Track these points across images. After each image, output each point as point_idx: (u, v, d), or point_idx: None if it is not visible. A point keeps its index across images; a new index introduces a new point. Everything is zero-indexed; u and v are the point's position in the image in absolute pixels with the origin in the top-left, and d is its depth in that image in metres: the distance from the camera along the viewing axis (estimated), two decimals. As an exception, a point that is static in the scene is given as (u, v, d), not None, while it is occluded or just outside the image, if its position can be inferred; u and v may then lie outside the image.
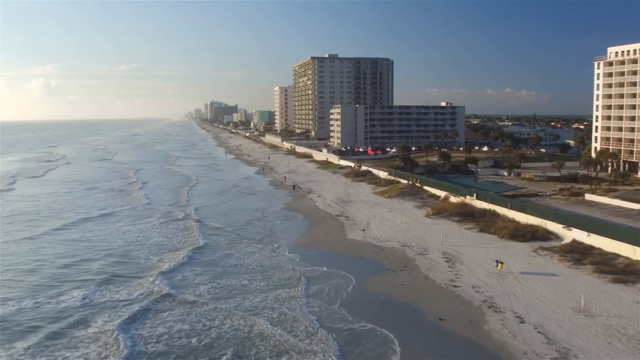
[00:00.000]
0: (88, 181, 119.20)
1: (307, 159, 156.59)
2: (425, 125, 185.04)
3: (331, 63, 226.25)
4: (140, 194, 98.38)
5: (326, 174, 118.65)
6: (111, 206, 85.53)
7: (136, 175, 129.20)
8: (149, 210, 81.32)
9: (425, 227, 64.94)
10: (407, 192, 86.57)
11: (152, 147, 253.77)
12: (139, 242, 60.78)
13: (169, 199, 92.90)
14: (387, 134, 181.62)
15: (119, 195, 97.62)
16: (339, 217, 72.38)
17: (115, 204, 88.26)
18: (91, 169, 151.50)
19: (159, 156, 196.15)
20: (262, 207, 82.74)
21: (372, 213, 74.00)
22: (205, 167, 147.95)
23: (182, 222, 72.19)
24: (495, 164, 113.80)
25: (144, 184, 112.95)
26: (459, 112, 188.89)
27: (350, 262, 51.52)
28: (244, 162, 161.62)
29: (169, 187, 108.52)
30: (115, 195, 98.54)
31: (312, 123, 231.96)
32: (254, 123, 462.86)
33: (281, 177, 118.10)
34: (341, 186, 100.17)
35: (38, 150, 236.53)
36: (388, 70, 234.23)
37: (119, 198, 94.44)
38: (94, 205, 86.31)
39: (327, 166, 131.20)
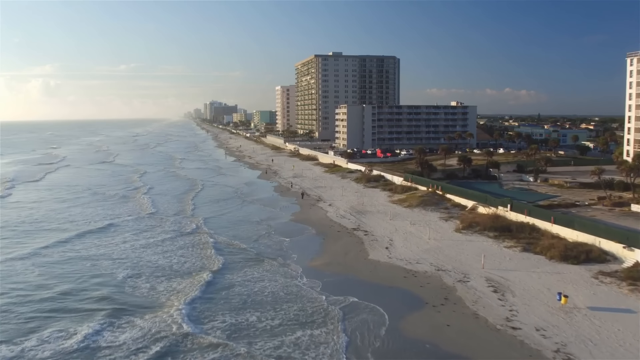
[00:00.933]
0: (90, 186, 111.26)
1: (312, 162, 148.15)
2: (435, 125, 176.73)
3: (335, 61, 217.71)
4: (146, 200, 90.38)
5: (335, 179, 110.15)
6: (115, 216, 77.25)
7: (141, 180, 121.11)
8: (156, 221, 73.19)
9: (458, 244, 56.52)
10: (428, 201, 78.11)
11: (154, 148, 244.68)
12: (149, 263, 52.46)
13: (175, 207, 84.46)
14: (396, 135, 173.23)
15: (122, 202, 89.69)
16: (357, 232, 63.90)
17: (119, 212, 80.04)
18: (93, 172, 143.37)
19: (161, 158, 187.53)
20: (268, 217, 74.29)
21: (393, 226, 65.53)
22: (208, 171, 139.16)
23: (193, 236, 63.88)
24: (518, 169, 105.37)
25: (149, 189, 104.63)
26: (471, 112, 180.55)
27: (380, 292, 43.06)
28: (246, 165, 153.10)
29: (174, 192, 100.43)
30: (119, 202, 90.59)
31: (315, 123, 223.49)
32: (255, 123, 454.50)
33: (286, 182, 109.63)
34: (353, 193, 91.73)
35: (38, 151, 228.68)
36: (394, 68, 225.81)
37: (123, 205, 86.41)
38: (96, 215, 78.25)
39: (335, 170, 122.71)
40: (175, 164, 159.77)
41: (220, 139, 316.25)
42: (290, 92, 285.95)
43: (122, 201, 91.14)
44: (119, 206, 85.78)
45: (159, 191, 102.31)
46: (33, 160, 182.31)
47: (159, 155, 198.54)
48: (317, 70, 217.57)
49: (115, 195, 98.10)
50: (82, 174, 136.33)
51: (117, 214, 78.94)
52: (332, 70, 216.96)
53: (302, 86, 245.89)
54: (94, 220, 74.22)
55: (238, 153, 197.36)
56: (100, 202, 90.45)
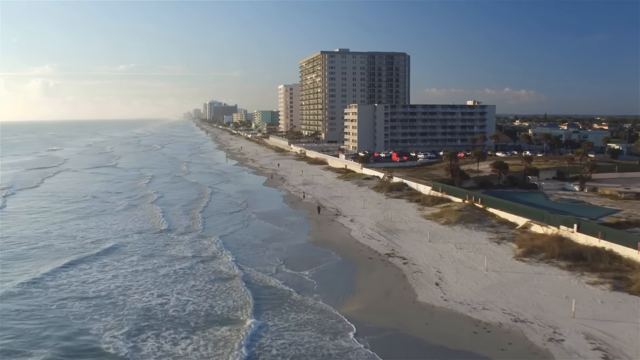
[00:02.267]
0: (93, 193, 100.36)
1: (321, 166, 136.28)
2: (452, 126, 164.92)
3: (343, 58, 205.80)
4: (155, 212, 79.03)
5: (351, 187, 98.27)
6: (123, 233, 65.89)
7: (148, 186, 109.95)
8: (168, 240, 61.93)
9: (526, 279, 44.75)
10: (469, 217, 66.29)
11: (159, 150, 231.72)
12: (166, 306, 40.48)
13: (185, 221, 72.77)
14: (410, 137, 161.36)
15: (130, 214, 78.47)
16: (392, 258, 52.07)
17: (128, 228, 68.60)
18: (96, 176, 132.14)
19: (166, 161, 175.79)
20: (281, 237, 62.48)
21: (436, 251, 53.75)
22: (212, 176, 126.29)
23: (214, 263, 52.15)
24: (559, 176, 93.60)
25: (157, 198, 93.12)
26: (489, 112, 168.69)
27: None
28: (249, 169, 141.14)
29: (182, 202, 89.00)
30: (126, 213, 79.42)
31: (321, 124, 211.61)
32: (255, 124, 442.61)
33: (296, 190, 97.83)
34: (375, 205, 79.90)
35: (38, 153, 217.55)
36: (405, 66, 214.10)
37: (131, 219, 75.13)
38: (101, 231, 67.07)
39: (349, 176, 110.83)
40: (181, 168, 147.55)
41: (220, 140, 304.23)
42: (294, 91, 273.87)
43: (130, 213, 79.92)
44: (126, 219, 74.45)
45: (167, 200, 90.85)
46: (32, 162, 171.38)
47: (162, 158, 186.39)
48: (323, 68, 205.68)
49: (122, 204, 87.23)
50: (85, 179, 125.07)
51: (125, 230, 67.51)
52: (339, 67, 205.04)
53: (307, 85, 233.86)
54: (97, 239, 62.56)
55: (240, 156, 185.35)
56: (105, 213, 79.23)
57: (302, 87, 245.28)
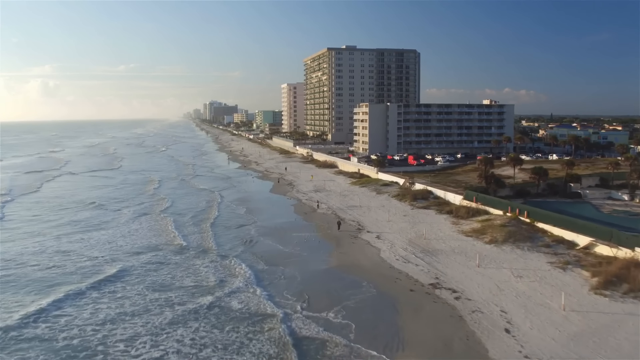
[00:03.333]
0: (98, 200, 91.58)
1: (331, 170, 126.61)
2: (469, 127, 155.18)
3: (350, 55, 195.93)
4: (168, 225, 70.18)
5: (369, 195, 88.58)
6: (131, 251, 56.98)
7: (156, 192, 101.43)
8: (185, 259, 53.48)
9: (617, 322, 35.17)
10: (516, 234, 56.63)
11: (164, 151, 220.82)
12: None
13: (198, 236, 63.82)
14: (424, 138, 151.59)
15: (140, 226, 69.61)
16: (440, 291, 42.42)
17: (137, 245, 59.46)
18: (99, 180, 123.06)
19: (171, 163, 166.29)
20: (295, 258, 53.00)
21: (491, 280, 44.12)
22: (218, 181, 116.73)
23: (251, 300, 42.15)
24: (602, 183, 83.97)
25: (168, 207, 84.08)
26: (508, 111, 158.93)
27: None
28: (254, 173, 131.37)
29: (192, 211, 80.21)
30: (136, 225, 70.67)
31: (328, 124, 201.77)
32: (257, 124, 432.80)
33: (307, 198, 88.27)
34: (401, 217, 70.25)
35: (39, 155, 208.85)
36: (415, 63, 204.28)
37: (141, 232, 66.16)
38: (106, 249, 58.00)
39: (365, 182, 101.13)
40: (187, 171, 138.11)
41: (221, 141, 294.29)
42: (298, 90, 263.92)
43: (140, 224, 71.07)
44: (136, 233, 65.44)
45: (178, 209, 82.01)
46: (33, 165, 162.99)
47: (167, 160, 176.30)
48: (329, 65, 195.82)
49: (129, 214, 78.33)
50: (88, 184, 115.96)
51: (135, 247, 58.39)
52: (346, 65, 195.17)
53: (312, 83, 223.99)
54: (102, 261, 53.21)
55: (243, 158, 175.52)
56: (110, 226, 70.15)
57: (307, 86, 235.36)
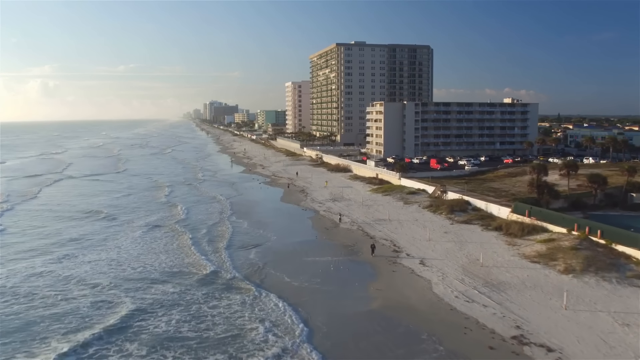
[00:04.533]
0: (104, 208, 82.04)
1: (345, 175, 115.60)
2: (490, 127, 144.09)
3: (360, 51, 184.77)
4: (184, 240, 60.36)
5: (395, 205, 77.51)
6: (147, 279, 46.38)
7: (168, 198, 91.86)
8: (214, 293, 42.93)
9: None
10: (595, 259, 45.67)
11: (169, 153, 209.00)
12: None
13: (220, 261, 52.31)
14: (443, 140, 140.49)
15: (154, 243, 59.16)
16: (528, 349, 31.45)
17: (153, 272, 48.58)
18: (104, 185, 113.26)
19: (177, 165, 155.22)
20: (324, 295, 42.05)
21: (591, 331, 33.15)
22: (223, 186, 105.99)
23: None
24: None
25: (183, 219, 73.43)
26: (532, 110, 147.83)
27: None
28: (260, 178, 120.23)
29: (206, 225, 69.11)
30: (149, 240, 60.91)
31: (336, 125, 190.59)
32: (259, 124, 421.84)
33: (325, 209, 77.39)
34: (442, 234, 59.27)
35: (41, 156, 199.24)
36: (428, 60, 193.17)
37: (153, 253, 55.33)
38: (109, 275, 47.78)
39: (387, 189, 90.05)
40: (194, 176, 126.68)
41: (222, 142, 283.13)
42: (303, 89, 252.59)
43: (154, 240, 60.84)
44: (150, 253, 54.94)
45: (192, 221, 71.59)
46: (33, 167, 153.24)
47: (172, 162, 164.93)
48: (338, 62, 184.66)
49: (141, 226, 68.49)
50: (92, 189, 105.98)
51: (151, 274, 47.83)
52: (356, 61, 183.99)
53: (319, 81, 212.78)
54: (111, 296, 42.50)
55: (247, 160, 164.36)
56: (122, 243, 59.93)
57: (313, 84, 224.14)
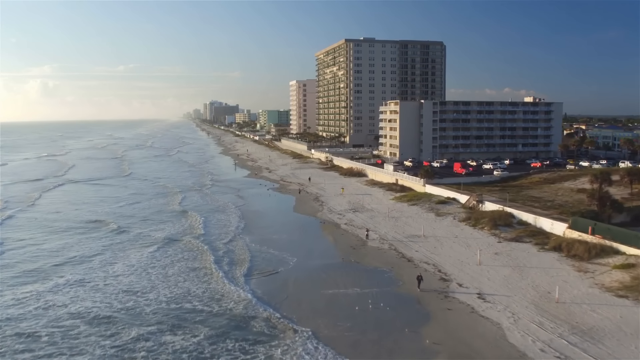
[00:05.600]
0: (111, 217, 74.42)
1: (360, 180, 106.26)
2: (512, 128, 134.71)
3: (370, 47, 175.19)
4: (206, 262, 51.41)
5: (426, 217, 68.11)
6: (168, 324, 36.74)
7: (182, 206, 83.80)
8: None
9: None
10: None
11: (174, 155, 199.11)
12: None
13: (247, 290, 43.64)
14: (462, 141, 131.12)
15: (172, 272, 48.71)
16: None
17: (175, 309, 39.59)
18: (110, 190, 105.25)
19: (184, 169, 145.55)
20: (371, 346, 32.62)
21: None
22: (230, 193, 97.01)
23: None
24: None
25: (201, 234, 63.98)
26: (556, 110, 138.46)
27: None
28: (268, 183, 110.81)
29: (222, 242, 60.10)
30: (162, 260, 52.25)
31: (345, 125, 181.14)
32: (261, 124, 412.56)
33: (347, 222, 68.13)
34: (492, 255, 49.95)
35: (44, 157, 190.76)
36: (442, 57, 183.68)
37: (170, 280, 46.31)
38: (129, 317, 38.15)
39: (412, 197, 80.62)
40: (203, 181, 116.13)
41: (224, 142, 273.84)
42: (308, 88, 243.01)
43: (169, 260, 52.41)
44: (167, 279, 46.32)
45: (208, 236, 62.78)
46: (34, 170, 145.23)
47: (178, 166, 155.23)
48: (347, 59, 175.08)
49: (155, 242, 59.93)
50: (98, 195, 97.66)
51: (171, 312, 38.76)
52: (366, 58, 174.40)
53: (326, 79, 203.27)
54: (124, 346, 33.38)
55: (251, 163, 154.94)
56: (134, 265, 51.12)
57: (320, 83, 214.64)
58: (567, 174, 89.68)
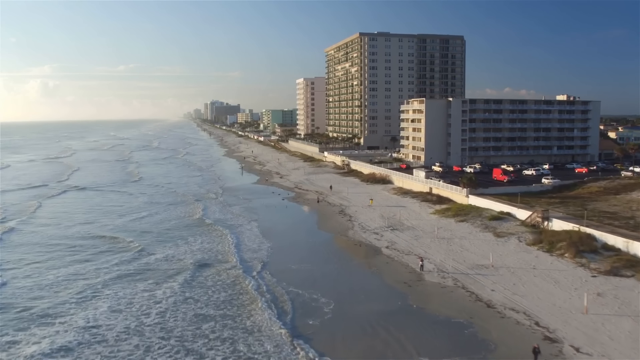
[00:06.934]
0: (124, 233, 64.10)
1: (385, 188, 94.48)
2: (547, 129, 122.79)
3: (386, 42, 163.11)
4: (258, 307, 39.73)
5: (483, 238, 56.32)
6: None
7: (205, 217, 73.21)
8: None
9: None
10: None
11: (183, 157, 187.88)
12: None
13: None
14: (493, 143, 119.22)
15: (210, 312, 38.76)
16: None
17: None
18: (119, 197, 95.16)
19: (194, 173, 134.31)
20: None
21: None
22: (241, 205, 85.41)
23: None
24: None
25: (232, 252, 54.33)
26: (593, 109, 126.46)
27: None
28: (282, 191, 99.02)
29: (253, 274, 47.59)
30: (196, 297, 41.92)
31: (359, 125, 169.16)
32: (264, 124, 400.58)
33: (388, 244, 56.41)
34: (595, 299, 38.31)
35: (47, 159, 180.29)
36: (462, 53, 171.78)
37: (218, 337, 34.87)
38: None
39: (457, 212, 68.73)
40: (214, 188, 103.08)
41: (227, 143, 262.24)
42: (316, 86, 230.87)
43: (205, 296, 41.91)
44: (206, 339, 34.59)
45: (249, 262, 51.62)
46: (38, 173, 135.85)
47: (188, 169, 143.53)
48: (361, 55, 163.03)
49: (183, 266, 49.69)
50: (106, 205, 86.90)
51: None
52: (381, 54, 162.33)
53: (337, 77, 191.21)
54: None
55: (259, 167, 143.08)
56: (162, 300, 41.26)
57: (329, 80, 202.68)
58: (630, 183, 78.00)
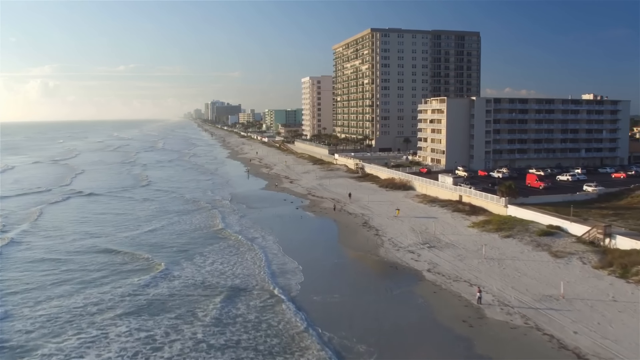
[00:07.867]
0: (136, 248, 57.31)
1: (408, 194, 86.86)
2: (574, 130, 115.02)
3: (399, 38, 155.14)
4: None
5: (538, 259, 48.60)
6: None
7: (220, 234, 64.14)
8: None
9: None
10: None
11: (188, 158, 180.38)
12: None
13: None
14: (519, 146, 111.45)
15: None
16: None
17: None
18: (127, 204, 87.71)
19: (203, 176, 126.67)
20: None
21: None
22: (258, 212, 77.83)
23: None
24: None
25: (272, 298, 43.13)
26: (623, 109, 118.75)
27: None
28: (294, 198, 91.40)
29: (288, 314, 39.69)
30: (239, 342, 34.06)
31: (370, 126, 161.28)
32: (267, 124, 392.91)
33: (429, 267, 48.87)
34: None
35: (48, 162, 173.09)
36: (478, 50, 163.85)
37: None
38: None
39: (499, 225, 60.93)
40: (223, 194, 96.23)
41: (230, 144, 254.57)
42: (323, 85, 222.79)
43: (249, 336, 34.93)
44: None
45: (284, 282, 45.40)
46: (42, 176, 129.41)
47: (196, 173, 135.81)
48: (373, 51, 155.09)
49: (214, 293, 42.86)
50: (113, 214, 79.17)
51: None
52: (394, 51, 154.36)
53: (346, 75, 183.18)
54: None
55: (266, 170, 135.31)
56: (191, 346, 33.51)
57: (337, 79, 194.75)
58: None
